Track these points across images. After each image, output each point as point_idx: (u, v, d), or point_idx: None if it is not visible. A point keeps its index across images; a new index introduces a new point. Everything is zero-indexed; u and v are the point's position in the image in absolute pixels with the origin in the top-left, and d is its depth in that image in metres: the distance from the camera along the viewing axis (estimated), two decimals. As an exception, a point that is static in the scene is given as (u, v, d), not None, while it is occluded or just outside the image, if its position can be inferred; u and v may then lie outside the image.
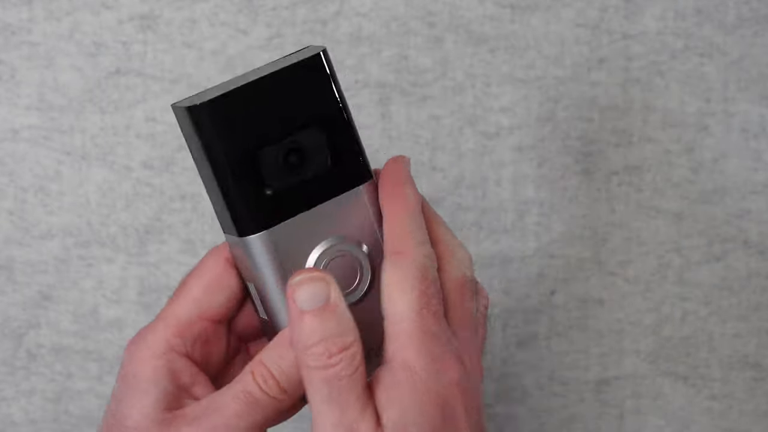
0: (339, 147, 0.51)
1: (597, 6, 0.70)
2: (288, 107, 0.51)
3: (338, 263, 0.52)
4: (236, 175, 0.50)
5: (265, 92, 0.50)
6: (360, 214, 0.52)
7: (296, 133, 0.51)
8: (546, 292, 0.73)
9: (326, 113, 0.51)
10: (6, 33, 0.70)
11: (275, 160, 0.51)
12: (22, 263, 0.73)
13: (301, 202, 0.51)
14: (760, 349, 0.74)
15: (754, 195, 0.72)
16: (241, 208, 0.50)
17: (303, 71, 0.51)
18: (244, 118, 0.50)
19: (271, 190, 0.51)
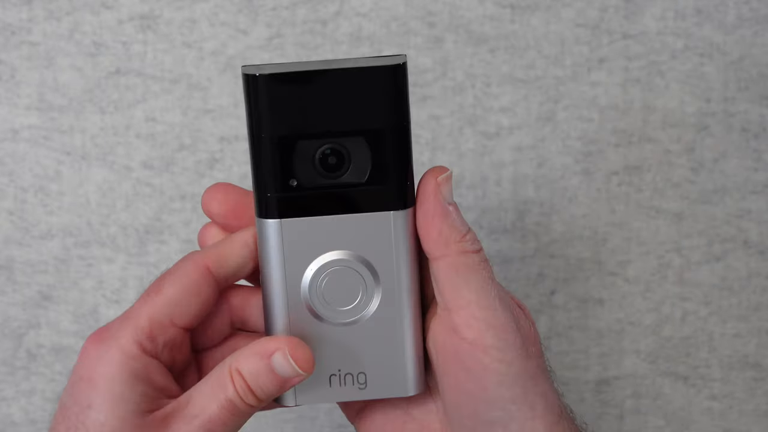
0: (384, 165, 0.50)
1: (597, 6, 0.70)
2: (348, 108, 0.49)
3: (339, 278, 0.51)
4: (268, 156, 0.49)
5: (330, 85, 0.49)
6: (383, 240, 0.50)
7: (344, 136, 0.49)
8: (546, 292, 0.73)
9: (386, 127, 0.49)
10: (6, 33, 0.70)
11: (312, 155, 0.50)
12: (22, 263, 0.73)
13: (325, 205, 0.50)
14: (760, 349, 0.74)
15: (754, 195, 0.72)
16: (263, 189, 0.50)
17: (378, 77, 0.49)
18: (298, 102, 0.49)
19: (298, 182, 0.50)
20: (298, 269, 0.51)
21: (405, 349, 0.52)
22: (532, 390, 0.50)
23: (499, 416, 0.50)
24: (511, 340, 0.50)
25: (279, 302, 0.51)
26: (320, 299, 0.51)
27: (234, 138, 0.71)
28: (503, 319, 0.50)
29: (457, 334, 0.50)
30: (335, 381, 0.52)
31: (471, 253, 0.51)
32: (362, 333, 0.51)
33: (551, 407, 0.51)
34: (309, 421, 0.74)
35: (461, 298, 0.50)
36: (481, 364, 0.50)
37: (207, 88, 0.71)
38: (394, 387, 0.52)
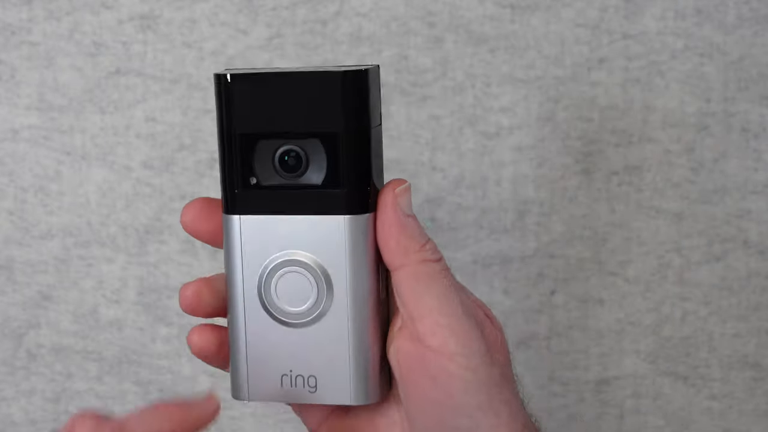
0: (339, 169, 0.50)
1: (597, 6, 0.70)
2: (309, 111, 0.50)
3: (292, 279, 0.51)
4: (231, 153, 0.51)
5: (292, 88, 0.50)
6: (336, 243, 0.51)
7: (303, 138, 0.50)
8: (546, 292, 0.73)
9: (342, 131, 0.50)
10: (6, 33, 0.70)
11: (272, 155, 0.51)
12: (22, 263, 0.73)
13: (283, 204, 0.51)
14: (760, 349, 0.74)
15: (754, 195, 0.72)
16: (226, 185, 0.51)
17: (338, 82, 0.50)
18: (262, 103, 0.50)
19: (257, 180, 0.51)
20: (255, 266, 0.51)
21: (356, 356, 0.52)
22: (497, 397, 0.51)
23: (465, 423, 0.50)
24: (476, 347, 0.50)
25: (238, 298, 0.52)
26: (273, 298, 0.52)
27: (234, 138, 0.71)
28: (466, 326, 0.50)
29: (421, 342, 0.50)
30: (286, 381, 0.52)
31: (431, 261, 0.51)
32: (314, 336, 0.51)
33: (515, 415, 0.51)
34: (309, 421, 0.74)
35: (423, 306, 0.50)
36: (446, 371, 0.50)
37: (207, 88, 0.71)
38: (343, 394, 0.52)
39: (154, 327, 0.73)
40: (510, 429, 0.51)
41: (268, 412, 0.74)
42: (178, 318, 0.73)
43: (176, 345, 0.73)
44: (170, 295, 0.73)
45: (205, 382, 0.74)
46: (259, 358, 0.52)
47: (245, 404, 0.74)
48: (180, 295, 0.53)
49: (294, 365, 0.52)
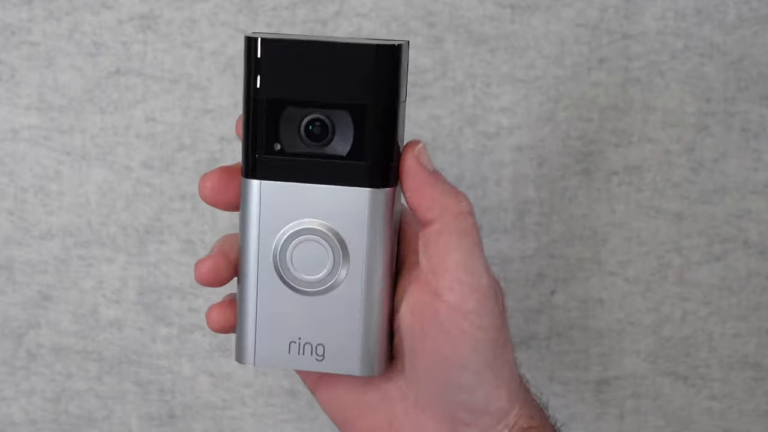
0: (366, 142, 0.50)
1: (597, 6, 0.70)
2: (339, 82, 0.50)
3: (309, 247, 0.52)
4: (257, 117, 0.51)
5: (324, 57, 0.50)
6: (357, 216, 0.51)
7: (331, 108, 0.50)
8: (546, 292, 0.73)
9: (371, 104, 0.50)
10: (6, 33, 0.70)
11: (298, 123, 0.51)
12: (22, 263, 0.73)
13: (305, 173, 0.51)
14: (760, 349, 0.74)
15: (754, 195, 0.72)
16: (248, 149, 0.51)
17: (371, 55, 0.50)
18: (292, 70, 0.50)
19: (281, 147, 0.51)
20: (272, 232, 0.51)
21: (366, 328, 0.52)
22: (501, 358, 0.52)
23: (470, 380, 0.51)
24: (490, 308, 0.51)
25: (251, 263, 0.52)
26: (288, 265, 0.52)
27: (234, 138, 0.71)
28: (486, 286, 0.51)
29: (438, 297, 0.51)
30: (294, 348, 0.52)
31: (467, 214, 0.52)
32: (326, 305, 0.52)
33: (514, 375, 0.53)
34: (309, 422, 0.74)
35: (450, 261, 0.51)
36: (459, 328, 0.50)
37: (207, 88, 0.71)
38: (350, 364, 0.52)
39: (154, 327, 0.73)
40: (509, 388, 0.52)
41: (268, 413, 0.74)
42: (178, 318, 0.73)
43: (176, 345, 0.73)
44: (170, 295, 0.73)
45: (205, 383, 0.74)
46: (268, 323, 0.52)
47: (245, 404, 0.74)
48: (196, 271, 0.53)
49: (303, 333, 0.52)
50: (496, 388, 0.52)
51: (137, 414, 0.74)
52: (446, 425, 0.53)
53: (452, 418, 0.52)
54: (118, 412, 0.74)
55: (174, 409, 0.74)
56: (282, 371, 0.73)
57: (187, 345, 0.73)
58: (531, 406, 0.54)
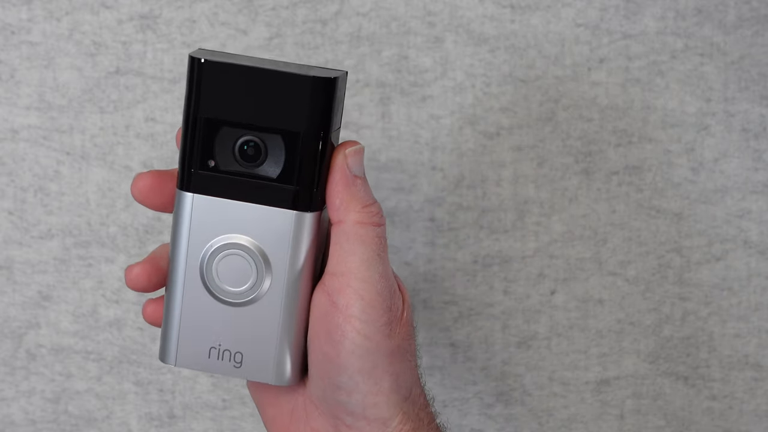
0: (295, 167, 0.53)
1: (597, 6, 0.70)
2: (275, 107, 0.53)
3: (234, 260, 0.54)
4: (194, 134, 0.53)
5: (262, 83, 0.52)
6: (282, 234, 0.54)
7: (264, 132, 0.53)
8: (546, 292, 0.73)
9: (303, 132, 0.53)
10: (6, 33, 0.70)
11: (233, 142, 0.53)
12: (22, 263, 0.73)
13: (236, 190, 0.53)
14: (760, 349, 0.74)
15: (754, 195, 0.72)
16: (184, 163, 0.54)
17: (307, 85, 0.52)
18: (230, 92, 0.52)
19: (215, 164, 0.53)
20: (200, 243, 0.54)
21: (282, 340, 0.55)
22: (383, 367, 0.53)
23: (345, 383, 0.53)
24: (376, 317, 0.53)
25: (179, 269, 0.55)
26: (213, 275, 0.54)
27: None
28: (375, 295, 0.53)
29: (330, 297, 0.53)
30: (214, 353, 0.55)
31: (368, 224, 0.53)
32: (246, 316, 0.54)
33: (398, 388, 0.54)
34: (309, 421, 0.74)
35: (345, 265, 0.53)
36: (341, 329, 0.53)
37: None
38: (265, 373, 0.55)
39: (154, 327, 0.73)
40: (388, 398, 0.54)
41: (268, 412, 0.74)
42: (178, 318, 0.73)
43: (176, 345, 0.73)
44: (170, 295, 0.73)
45: (205, 383, 0.74)
46: (191, 328, 0.55)
47: (245, 404, 0.74)
48: (126, 276, 0.56)
49: (223, 340, 0.55)
50: (374, 395, 0.53)
51: (137, 414, 0.74)
52: (331, 423, 0.55)
53: (335, 418, 0.55)
54: (118, 412, 0.74)
55: (174, 409, 0.74)
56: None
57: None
58: (418, 422, 0.55)
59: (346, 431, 0.55)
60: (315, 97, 0.52)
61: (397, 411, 0.54)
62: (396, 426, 0.54)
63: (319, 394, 0.55)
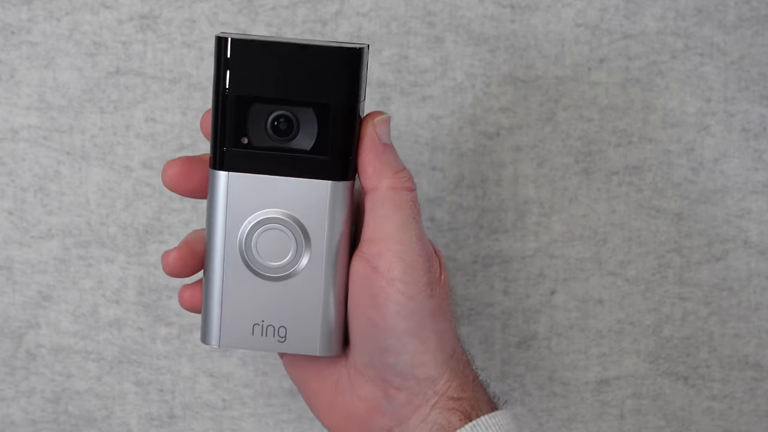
0: (328, 138, 0.54)
1: (597, 6, 0.70)
2: (304, 81, 0.53)
3: (273, 235, 0.55)
4: (225, 112, 0.54)
5: (291, 58, 0.53)
6: (319, 206, 0.54)
7: (296, 105, 0.54)
8: (546, 292, 0.73)
9: (334, 103, 0.54)
10: (6, 33, 0.70)
11: (265, 118, 0.54)
12: (22, 263, 0.73)
13: (271, 165, 0.54)
14: (760, 349, 0.74)
15: (754, 195, 0.72)
16: (217, 142, 0.54)
17: (336, 57, 0.53)
18: (260, 69, 0.53)
19: (249, 141, 0.54)
20: (238, 221, 0.55)
21: (325, 310, 0.56)
22: (428, 327, 0.55)
23: (393, 344, 0.54)
24: (418, 277, 0.54)
25: (217, 249, 0.55)
26: (253, 252, 0.55)
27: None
28: (415, 257, 0.54)
29: (370, 263, 0.54)
30: (257, 330, 0.56)
31: (401, 189, 0.55)
32: (288, 290, 0.55)
33: (443, 346, 0.55)
34: (309, 422, 0.74)
35: (382, 230, 0.54)
36: (384, 293, 0.54)
37: (207, 88, 0.71)
38: (310, 345, 0.56)
39: (154, 327, 0.73)
40: (435, 357, 0.55)
41: (268, 413, 0.74)
42: (178, 318, 0.73)
43: (176, 345, 0.73)
44: (170, 295, 0.73)
45: (205, 383, 0.74)
46: (233, 307, 0.56)
47: (245, 404, 0.74)
48: (163, 262, 0.57)
49: (266, 315, 0.56)
50: (422, 354, 0.55)
51: (137, 414, 0.74)
52: (379, 388, 0.56)
53: (384, 382, 0.56)
54: (118, 412, 0.74)
55: (174, 409, 0.74)
56: (282, 373, 0.73)
57: (187, 345, 0.73)
58: (464, 378, 0.56)
59: (395, 394, 0.56)
60: (345, 68, 0.53)
61: (445, 369, 0.55)
62: (444, 383, 0.55)
63: (366, 361, 0.56)
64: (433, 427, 0.55)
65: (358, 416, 0.57)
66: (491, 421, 0.55)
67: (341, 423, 0.58)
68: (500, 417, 0.56)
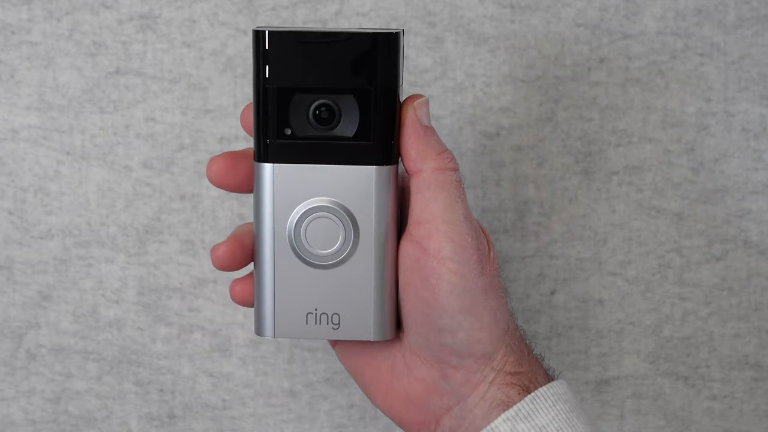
0: (371, 124, 0.54)
1: (597, 6, 0.70)
2: (343, 68, 0.54)
3: (321, 223, 0.55)
4: (266, 104, 0.54)
5: (329, 47, 0.54)
6: (364, 191, 0.55)
7: (336, 93, 0.54)
8: (546, 292, 0.73)
9: (374, 89, 0.54)
10: (6, 33, 0.70)
11: (306, 108, 0.55)
12: (22, 263, 0.73)
13: (315, 154, 0.55)
14: (760, 349, 0.74)
15: (754, 195, 0.72)
16: (261, 135, 0.55)
17: (373, 43, 0.54)
18: (299, 60, 0.54)
19: (292, 131, 0.55)
20: (286, 211, 0.55)
21: (377, 295, 0.56)
22: (481, 304, 0.55)
23: (448, 324, 0.55)
24: (468, 256, 0.54)
25: (267, 241, 0.56)
26: (303, 241, 0.56)
27: (234, 138, 0.71)
28: (464, 236, 0.55)
29: (419, 245, 0.55)
30: (311, 319, 0.56)
31: (445, 170, 0.55)
32: (339, 277, 0.56)
33: (497, 321, 0.56)
34: (309, 422, 0.74)
35: (429, 211, 0.55)
36: (436, 273, 0.54)
37: (207, 88, 0.71)
38: (365, 330, 0.57)
39: (154, 327, 0.73)
40: (490, 333, 0.56)
41: (268, 413, 0.74)
42: (178, 318, 0.73)
43: (176, 345, 0.73)
44: (170, 295, 0.73)
45: (205, 383, 0.74)
46: (286, 298, 0.56)
47: (245, 404, 0.74)
48: (212, 256, 0.57)
49: (319, 304, 0.56)
50: (477, 331, 0.55)
51: (137, 414, 0.74)
52: (436, 368, 0.57)
53: (441, 361, 0.56)
54: (118, 412, 0.74)
55: (174, 409, 0.74)
56: (282, 373, 0.73)
57: (187, 345, 0.73)
58: (520, 353, 0.57)
59: (453, 373, 0.56)
60: (383, 53, 0.54)
61: (500, 344, 0.56)
62: (501, 359, 0.56)
63: (421, 342, 0.56)
64: (493, 403, 0.55)
65: (416, 398, 0.58)
66: (549, 391, 0.56)
67: (399, 407, 0.58)
68: (557, 387, 0.57)
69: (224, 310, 0.73)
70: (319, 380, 0.74)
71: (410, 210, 0.56)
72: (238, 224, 0.72)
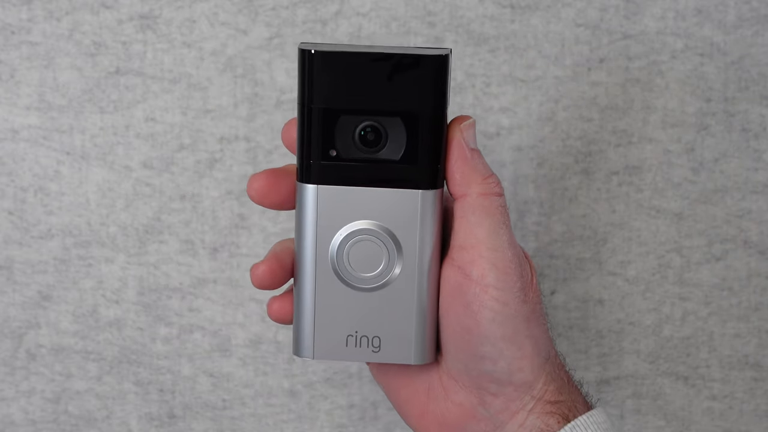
0: (417, 147, 0.53)
1: (597, 6, 0.70)
2: (391, 90, 0.53)
3: (365, 246, 0.54)
4: (311, 125, 0.53)
5: (376, 67, 0.53)
6: (410, 215, 0.54)
7: (384, 115, 0.53)
8: (546, 292, 0.73)
9: (423, 112, 0.53)
10: (6, 33, 0.70)
11: (352, 130, 0.53)
12: (22, 263, 0.73)
13: (360, 177, 0.54)
14: (760, 349, 0.74)
15: (754, 195, 0.72)
16: (305, 156, 0.54)
17: (422, 65, 0.53)
18: (345, 80, 0.53)
19: (337, 153, 0.54)
20: (329, 233, 0.54)
21: (419, 319, 0.55)
22: (523, 332, 0.54)
23: (489, 352, 0.54)
24: (511, 284, 0.54)
25: (308, 262, 0.55)
26: (345, 263, 0.55)
27: (234, 138, 0.71)
28: (507, 263, 0.54)
29: (462, 270, 0.54)
30: (351, 341, 0.56)
31: (491, 195, 0.54)
32: (381, 300, 0.55)
33: (539, 350, 0.55)
34: (309, 422, 0.74)
35: (473, 237, 0.54)
36: (478, 300, 0.53)
37: (207, 88, 0.71)
38: (404, 354, 0.56)
39: (154, 327, 0.73)
40: (532, 362, 0.55)
41: (268, 413, 0.74)
42: (178, 318, 0.73)
43: (176, 345, 0.73)
44: (170, 295, 0.73)
45: (205, 383, 0.74)
46: (326, 319, 0.55)
47: (245, 404, 0.74)
48: (252, 275, 0.56)
49: (360, 326, 0.55)
50: (519, 360, 0.54)
51: (137, 414, 0.74)
52: (475, 394, 0.56)
53: (480, 388, 0.55)
54: (118, 412, 0.74)
55: (174, 409, 0.74)
56: (282, 373, 0.73)
57: (187, 345, 0.73)
58: (560, 381, 0.56)
59: (492, 400, 0.55)
60: (431, 75, 0.53)
61: (541, 373, 0.55)
62: (541, 387, 0.55)
63: (460, 368, 0.56)
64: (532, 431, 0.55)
65: (452, 422, 0.57)
66: (589, 420, 0.55)
67: (434, 430, 0.58)
68: (597, 416, 0.56)
69: (224, 310, 0.73)
70: (319, 380, 0.74)
71: (453, 233, 0.55)
72: (238, 224, 0.72)
